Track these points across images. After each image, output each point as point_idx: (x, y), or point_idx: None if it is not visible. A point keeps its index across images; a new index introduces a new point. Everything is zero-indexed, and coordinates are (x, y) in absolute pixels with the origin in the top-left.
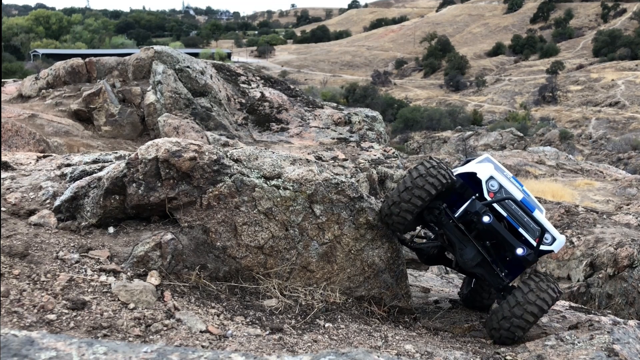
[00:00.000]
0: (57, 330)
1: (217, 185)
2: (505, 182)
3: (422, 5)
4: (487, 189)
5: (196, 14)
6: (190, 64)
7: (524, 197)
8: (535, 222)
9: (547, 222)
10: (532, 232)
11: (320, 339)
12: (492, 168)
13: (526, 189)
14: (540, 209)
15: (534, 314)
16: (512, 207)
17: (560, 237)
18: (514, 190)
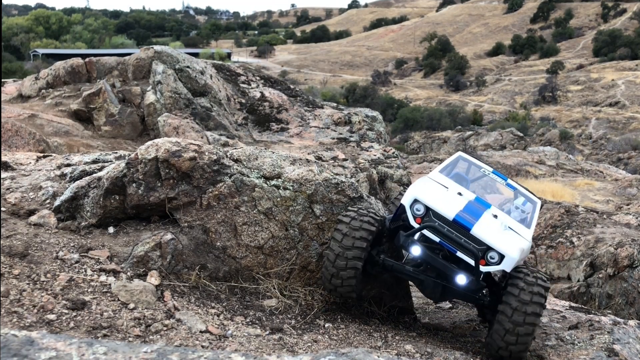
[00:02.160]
0: (57, 330)
1: (217, 185)
2: (436, 199)
3: (422, 5)
4: (412, 214)
5: (196, 14)
6: (190, 64)
7: (461, 212)
8: (475, 240)
9: (499, 233)
10: (473, 253)
11: (320, 339)
12: (422, 186)
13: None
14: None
15: (536, 313)
16: (445, 230)
17: (513, 250)
18: (449, 207)
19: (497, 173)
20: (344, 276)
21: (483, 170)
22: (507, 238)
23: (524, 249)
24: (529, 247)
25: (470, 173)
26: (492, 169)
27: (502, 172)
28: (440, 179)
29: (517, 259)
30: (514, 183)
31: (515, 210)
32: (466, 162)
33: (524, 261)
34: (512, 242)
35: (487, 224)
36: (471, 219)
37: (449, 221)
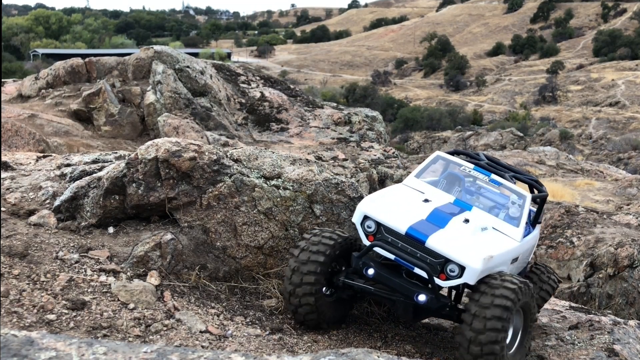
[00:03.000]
0: (56, 331)
1: (217, 185)
2: (387, 212)
3: (422, 5)
4: (364, 232)
5: (196, 14)
6: (190, 64)
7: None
8: (432, 253)
9: (464, 240)
10: (432, 268)
11: (320, 339)
12: (373, 199)
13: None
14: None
15: (498, 317)
16: (399, 245)
17: (475, 260)
18: (402, 219)
19: (479, 169)
20: (300, 293)
21: (463, 169)
22: (472, 246)
23: (504, 253)
24: (520, 247)
25: (461, 174)
26: (474, 166)
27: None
28: (415, 184)
29: (480, 270)
30: (499, 178)
31: (505, 207)
32: (445, 161)
33: (530, 259)
34: (477, 250)
35: (452, 232)
36: (428, 230)
37: (403, 235)
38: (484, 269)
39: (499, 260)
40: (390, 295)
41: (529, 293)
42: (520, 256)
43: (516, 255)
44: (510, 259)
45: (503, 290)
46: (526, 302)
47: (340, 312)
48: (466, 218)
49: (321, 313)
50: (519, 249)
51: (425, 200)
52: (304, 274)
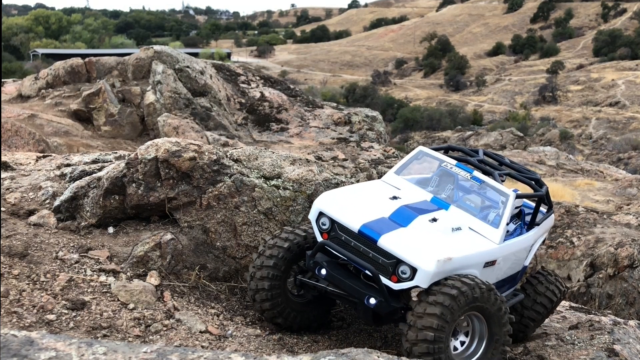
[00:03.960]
0: (56, 331)
1: (216, 185)
2: (343, 209)
3: (422, 5)
4: (319, 229)
5: (196, 14)
6: (189, 64)
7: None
8: (384, 254)
9: (424, 241)
10: (384, 269)
11: (320, 339)
12: (331, 195)
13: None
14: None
15: (430, 327)
16: (352, 244)
17: (427, 262)
18: (357, 217)
19: (462, 166)
20: (258, 298)
21: (445, 164)
22: (429, 246)
23: (472, 255)
24: (499, 250)
25: (430, 167)
26: (456, 162)
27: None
28: (393, 180)
29: (433, 272)
30: (481, 175)
31: (486, 206)
32: (428, 156)
33: (528, 264)
34: (432, 251)
35: (412, 231)
36: (383, 229)
37: (356, 234)
38: (439, 271)
39: (463, 262)
40: (347, 296)
41: (485, 297)
42: (501, 260)
43: (492, 258)
44: (482, 262)
45: (439, 297)
46: (482, 306)
47: (317, 312)
48: (434, 217)
49: (288, 316)
50: (498, 251)
51: (393, 197)
52: (258, 280)
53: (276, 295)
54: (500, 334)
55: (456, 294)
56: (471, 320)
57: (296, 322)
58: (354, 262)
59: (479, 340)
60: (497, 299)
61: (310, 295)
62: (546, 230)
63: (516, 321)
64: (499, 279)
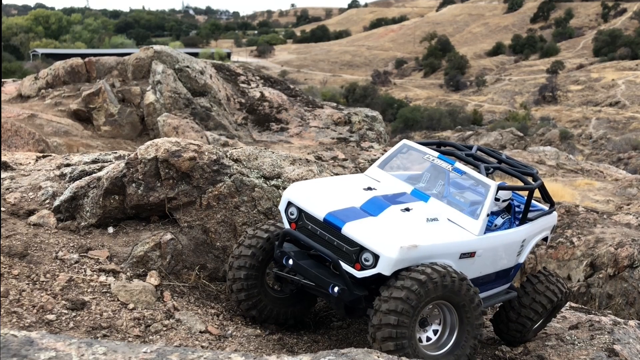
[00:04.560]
0: (56, 331)
1: (216, 185)
2: (310, 198)
3: (422, 5)
4: (288, 219)
5: (196, 14)
6: (189, 64)
7: (344, 210)
8: (348, 242)
9: (392, 229)
10: (348, 257)
11: (320, 339)
12: (301, 185)
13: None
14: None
15: (394, 310)
16: (318, 233)
17: (390, 248)
18: (324, 206)
19: (444, 157)
20: (234, 288)
21: (427, 157)
22: (395, 234)
23: (443, 245)
24: (478, 242)
25: (417, 161)
26: (439, 154)
27: (502, 172)
28: (375, 173)
29: (396, 259)
30: (463, 167)
31: (475, 201)
32: (411, 149)
33: (522, 261)
34: (397, 238)
35: (382, 220)
36: (349, 217)
37: (321, 222)
38: (402, 258)
39: (432, 251)
40: (316, 287)
41: (457, 288)
42: (482, 252)
43: (469, 249)
44: (457, 253)
45: (407, 282)
46: (453, 297)
47: (296, 308)
48: (408, 207)
49: (264, 309)
50: (477, 243)
51: (368, 188)
52: (235, 269)
53: (252, 286)
54: (471, 326)
55: (424, 280)
56: (442, 310)
57: (272, 316)
58: (317, 250)
59: (449, 331)
60: (469, 290)
61: (288, 290)
62: (545, 227)
63: (513, 320)
64: (484, 272)
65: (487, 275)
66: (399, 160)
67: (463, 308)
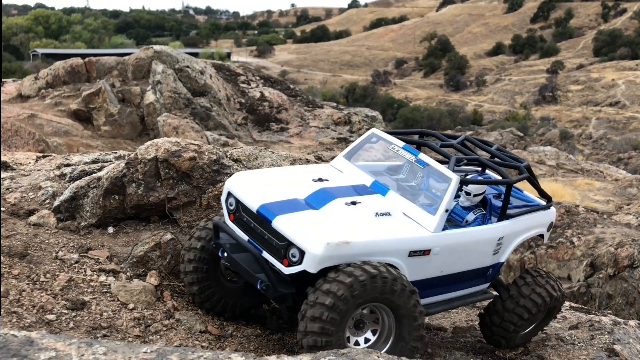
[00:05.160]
0: (56, 331)
1: (216, 185)
2: (248, 189)
3: (422, 5)
4: (227, 210)
5: (196, 14)
6: (189, 64)
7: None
8: (278, 236)
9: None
10: (277, 251)
11: None
12: (244, 175)
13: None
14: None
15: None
16: (252, 225)
17: (316, 245)
18: (260, 197)
19: (409, 148)
20: (186, 281)
21: (393, 147)
22: (326, 229)
23: (386, 241)
24: (435, 239)
25: (384, 151)
26: (404, 144)
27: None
28: (340, 164)
29: (321, 256)
30: (426, 158)
31: (428, 191)
32: (379, 139)
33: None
34: (326, 234)
35: (322, 214)
36: (283, 210)
37: (255, 214)
38: (329, 255)
39: (371, 248)
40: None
41: (387, 288)
42: (441, 250)
43: (422, 247)
44: (406, 250)
45: (333, 286)
46: (388, 298)
47: (252, 300)
48: (355, 201)
49: (218, 302)
50: (432, 240)
51: (319, 179)
52: (187, 262)
53: (204, 278)
54: (409, 330)
55: (352, 283)
56: (379, 312)
57: (228, 309)
58: (242, 243)
59: (387, 335)
60: (404, 290)
61: (242, 282)
62: (536, 225)
63: (496, 324)
64: (447, 272)
65: (453, 274)
66: (374, 151)
67: (400, 311)
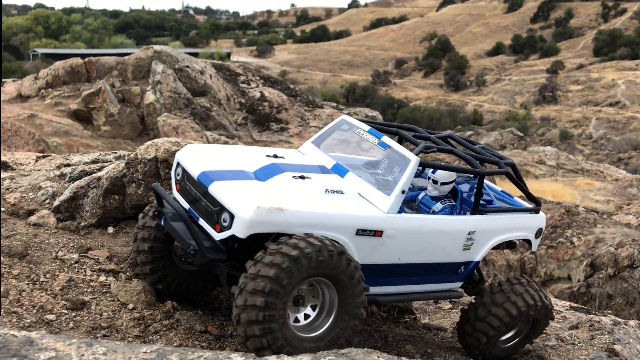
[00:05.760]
0: (56, 331)
1: None
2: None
3: (422, 5)
4: (175, 180)
5: (196, 14)
6: (189, 64)
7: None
8: (214, 202)
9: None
10: (211, 217)
11: None
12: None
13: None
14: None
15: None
16: (193, 193)
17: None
18: (203, 165)
19: (373, 131)
20: (139, 261)
21: (359, 131)
22: (261, 195)
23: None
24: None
25: (353, 137)
26: (369, 128)
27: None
28: (306, 148)
29: (250, 220)
30: (388, 140)
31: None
32: (349, 125)
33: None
34: (259, 199)
35: (263, 185)
36: (223, 177)
37: (196, 181)
38: (260, 221)
39: (310, 220)
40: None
41: (335, 262)
42: (396, 234)
43: (372, 226)
44: (352, 227)
45: (277, 258)
46: (331, 273)
47: (211, 280)
48: (306, 176)
49: (172, 282)
50: (385, 221)
51: (273, 156)
52: (140, 241)
53: (158, 258)
54: (352, 305)
55: (297, 256)
56: (320, 287)
57: (181, 290)
58: (173, 207)
59: (328, 310)
60: (349, 265)
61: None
62: (519, 227)
63: (468, 333)
64: (404, 260)
65: (414, 265)
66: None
67: (343, 285)
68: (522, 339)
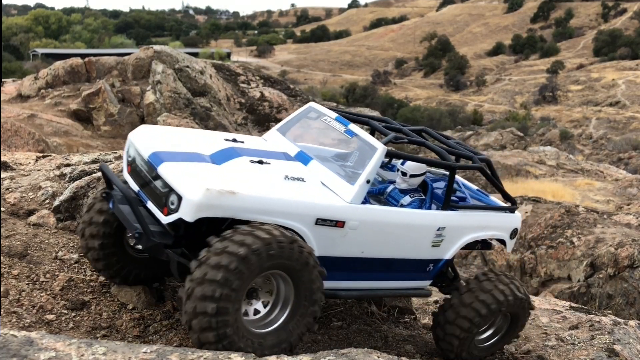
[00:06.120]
0: (56, 331)
1: None
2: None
3: (422, 5)
4: (126, 161)
5: (196, 14)
6: (189, 64)
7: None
8: (163, 184)
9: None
10: (159, 199)
11: (320, 339)
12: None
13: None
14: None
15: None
16: (143, 174)
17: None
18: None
19: (340, 119)
20: (90, 258)
21: (326, 119)
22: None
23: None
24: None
25: (320, 125)
26: (337, 115)
27: (502, 172)
28: (270, 135)
29: (199, 203)
30: (355, 128)
31: (357, 164)
32: (317, 112)
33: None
34: (207, 181)
35: (217, 168)
36: (174, 159)
37: (147, 162)
38: (209, 204)
39: (264, 205)
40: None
41: (287, 253)
42: (360, 226)
43: (333, 216)
44: (312, 216)
45: (224, 258)
46: (284, 264)
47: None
48: (264, 161)
49: (129, 274)
50: (348, 211)
51: (233, 140)
52: (88, 238)
53: (110, 254)
54: (308, 294)
55: (244, 254)
56: (275, 279)
57: (140, 279)
58: (150, 188)
59: (283, 304)
60: (302, 252)
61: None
62: (492, 226)
63: (440, 338)
64: (368, 254)
65: (379, 259)
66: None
67: (298, 275)
68: (503, 335)
